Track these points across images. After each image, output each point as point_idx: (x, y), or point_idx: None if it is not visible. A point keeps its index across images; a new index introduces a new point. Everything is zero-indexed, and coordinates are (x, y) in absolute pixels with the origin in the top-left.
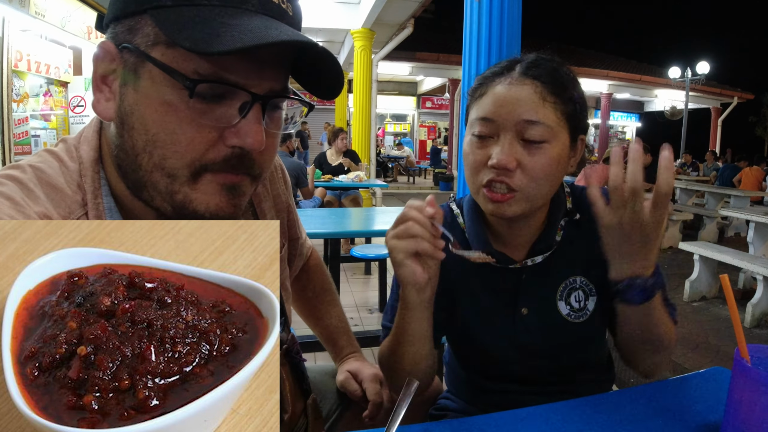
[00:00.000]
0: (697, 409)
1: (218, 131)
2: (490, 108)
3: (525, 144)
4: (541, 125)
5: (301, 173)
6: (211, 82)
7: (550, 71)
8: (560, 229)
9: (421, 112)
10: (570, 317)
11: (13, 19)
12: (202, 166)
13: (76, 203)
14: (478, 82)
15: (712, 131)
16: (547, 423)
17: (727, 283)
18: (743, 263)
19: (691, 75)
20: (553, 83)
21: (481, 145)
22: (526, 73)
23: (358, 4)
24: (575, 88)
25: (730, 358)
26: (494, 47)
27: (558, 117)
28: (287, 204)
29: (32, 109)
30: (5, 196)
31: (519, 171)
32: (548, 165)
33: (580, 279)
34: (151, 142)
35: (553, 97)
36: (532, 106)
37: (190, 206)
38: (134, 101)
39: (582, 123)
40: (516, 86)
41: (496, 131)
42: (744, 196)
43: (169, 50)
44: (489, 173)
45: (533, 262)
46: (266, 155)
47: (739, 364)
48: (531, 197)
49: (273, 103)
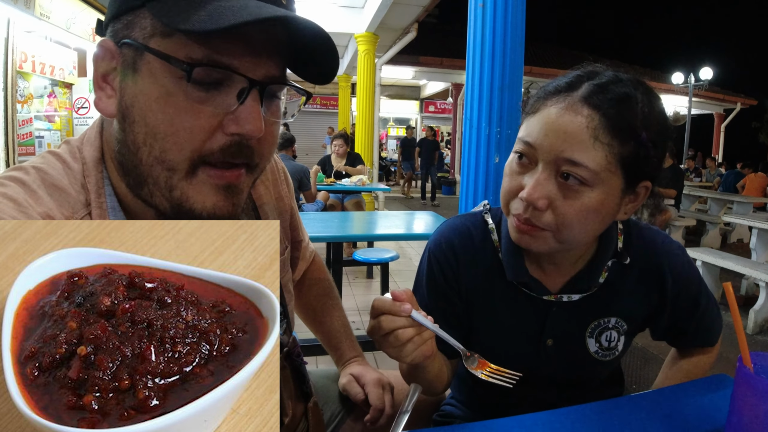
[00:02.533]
0: (700, 416)
1: (217, 119)
2: (535, 132)
3: (562, 183)
4: (582, 168)
5: (304, 176)
6: (205, 66)
7: (619, 101)
8: (605, 270)
9: (424, 116)
10: (597, 355)
11: (18, 20)
12: (200, 157)
13: (79, 203)
14: (537, 93)
15: (715, 137)
16: (551, 428)
17: (731, 290)
18: (746, 269)
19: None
20: (615, 119)
21: (520, 170)
22: (587, 98)
23: (362, 9)
24: (649, 127)
25: (732, 364)
26: (498, 51)
27: (609, 161)
28: (290, 206)
29: (36, 110)
30: (8, 198)
31: (550, 211)
32: (583, 212)
33: (616, 320)
34: (151, 135)
35: (608, 136)
36: (578, 144)
37: (186, 204)
38: (134, 94)
39: (647, 168)
40: (568, 114)
41: (535, 159)
42: (747, 202)
43: (165, 40)
44: (518, 206)
45: (569, 299)
46: (265, 144)
47: (742, 372)
48: (561, 240)
49: (271, 91)
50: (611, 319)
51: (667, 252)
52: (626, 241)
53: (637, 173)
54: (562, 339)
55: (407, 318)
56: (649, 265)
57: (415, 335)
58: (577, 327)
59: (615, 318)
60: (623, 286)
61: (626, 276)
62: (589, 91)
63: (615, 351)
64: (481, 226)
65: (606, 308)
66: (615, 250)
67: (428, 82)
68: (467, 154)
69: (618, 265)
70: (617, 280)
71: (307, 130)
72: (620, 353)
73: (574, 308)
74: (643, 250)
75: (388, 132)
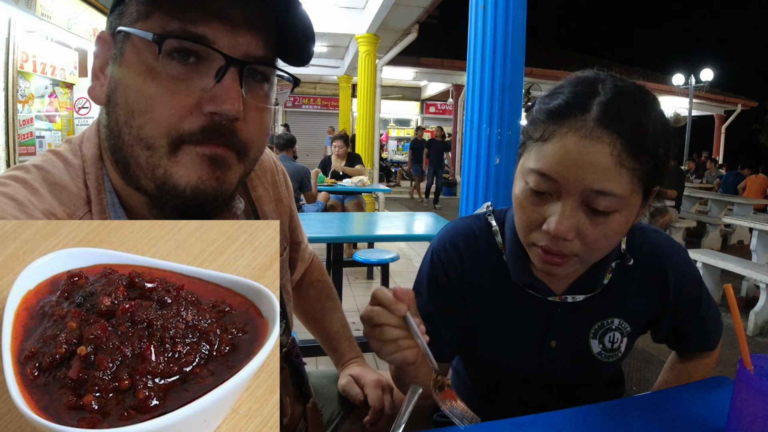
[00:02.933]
0: (700, 418)
1: (195, 98)
2: (554, 165)
3: (589, 212)
4: (612, 197)
5: (304, 177)
6: (177, 37)
7: (636, 123)
8: (609, 271)
9: (424, 117)
10: (601, 356)
11: (20, 20)
12: (179, 136)
13: (80, 200)
14: (542, 116)
15: (716, 139)
16: (551, 430)
17: (731, 293)
18: (746, 271)
19: (695, 82)
20: (637, 142)
21: (538, 201)
22: (604, 122)
23: (363, 9)
24: (661, 142)
25: (733, 366)
26: (499, 53)
27: (633, 183)
28: (289, 208)
29: (37, 110)
30: (9, 197)
31: (577, 239)
32: (613, 235)
33: (619, 321)
34: (129, 113)
35: (633, 161)
36: (604, 174)
37: (170, 181)
38: (118, 77)
39: (660, 175)
40: (590, 143)
41: (557, 191)
42: (747, 204)
43: (146, 21)
44: (543, 237)
45: (573, 299)
46: (252, 128)
47: (743, 374)
48: (588, 261)
49: (253, 71)
50: (614, 320)
51: (670, 254)
52: (629, 243)
53: (653, 182)
54: (566, 340)
55: (399, 318)
56: (653, 267)
57: (401, 337)
58: (580, 328)
59: (618, 319)
60: (627, 287)
61: (630, 277)
62: (602, 112)
63: (618, 352)
64: (485, 228)
65: (609, 309)
66: (618, 252)
67: (429, 83)
68: (468, 155)
69: (621, 266)
70: (621, 281)
71: (307, 130)
72: (623, 355)
73: (577, 309)
74: (646, 251)
75: (389, 133)
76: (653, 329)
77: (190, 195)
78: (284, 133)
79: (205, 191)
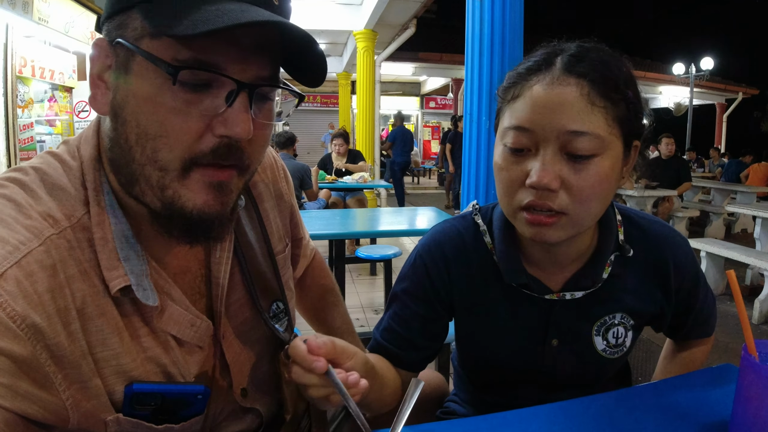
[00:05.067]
0: (706, 406)
1: (206, 121)
2: (526, 115)
3: (570, 159)
4: (589, 136)
5: (305, 175)
6: (191, 68)
7: (600, 65)
8: (608, 264)
9: (424, 112)
10: (606, 353)
11: (17, 25)
12: (192, 159)
13: (79, 201)
14: (511, 80)
15: (717, 127)
16: (554, 422)
17: (734, 278)
18: (750, 259)
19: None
20: (603, 82)
21: (517, 160)
22: (569, 69)
23: (360, 5)
24: (629, 85)
25: (738, 355)
26: (497, 46)
27: (609, 124)
28: (290, 204)
29: (37, 114)
30: (7, 198)
31: (563, 191)
32: (598, 183)
33: (621, 315)
34: (143, 135)
35: (603, 100)
36: (578, 114)
37: (178, 203)
38: (125, 94)
39: (637, 126)
40: (558, 87)
41: (534, 143)
42: (750, 192)
43: (153, 41)
44: (528, 194)
45: (572, 296)
46: (256, 146)
47: (747, 361)
48: (578, 221)
49: (261, 93)
50: (616, 314)
51: (671, 244)
52: (627, 233)
53: (631, 132)
54: (568, 339)
55: (321, 376)
56: (654, 259)
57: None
58: (583, 326)
59: (621, 313)
60: (628, 280)
61: (630, 269)
62: (567, 61)
63: (623, 347)
64: (473, 229)
65: (611, 304)
66: (616, 243)
67: (428, 78)
68: (467, 147)
69: (621, 258)
70: (621, 273)
71: (308, 128)
72: (628, 349)
73: (578, 306)
74: (646, 243)
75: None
76: (655, 321)
77: (196, 217)
78: (285, 131)
79: (210, 215)
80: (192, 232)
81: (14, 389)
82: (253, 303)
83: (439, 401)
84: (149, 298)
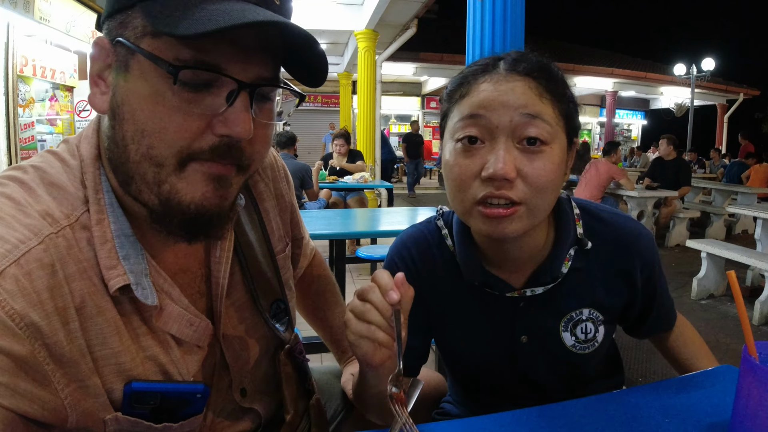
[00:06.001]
0: (706, 407)
1: (206, 120)
2: (479, 104)
3: (524, 149)
4: (541, 121)
5: (305, 175)
6: (192, 68)
7: (541, 66)
8: (568, 258)
9: (425, 112)
10: (575, 348)
11: (18, 25)
12: (189, 154)
13: (78, 200)
14: (456, 82)
15: (718, 128)
16: (551, 423)
17: (734, 278)
18: (751, 260)
19: (697, 72)
20: (546, 79)
21: (469, 154)
22: (514, 69)
23: (361, 6)
24: (567, 87)
25: (738, 356)
26: (498, 46)
27: (557, 115)
28: (290, 203)
29: (38, 113)
30: (6, 197)
31: (519, 181)
32: (551, 171)
33: (589, 311)
34: (139, 132)
35: (549, 94)
36: (530, 99)
37: (176, 197)
38: (125, 92)
39: (576, 123)
40: (506, 83)
41: (487, 132)
42: (751, 193)
43: (154, 40)
44: (483, 187)
45: (533, 292)
46: (257, 146)
47: (747, 361)
48: (534, 211)
49: (262, 93)
50: (583, 310)
51: (635, 240)
52: (587, 226)
53: (571, 128)
54: (536, 335)
55: (388, 307)
56: (617, 253)
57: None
58: (549, 321)
59: (588, 309)
60: (590, 273)
61: (592, 263)
62: (510, 64)
63: (594, 342)
64: (436, 232)
65: (576, 299)
66: (575, 237)
67: (429, 78)
68: None
69: (581, 252)
70: (583, 267)
71: (308, 128)
72: (601, 344)
73: (542, 302)
74: (607, 236)
75: (390, 129)
76: (622, 317)
77: (194, 211)
78: (285, 131)
79: (209, 208)
80: (190, 227)
81: (13, 388)
82: (253, 303)
83: (437, 401)
84: (148, 297)
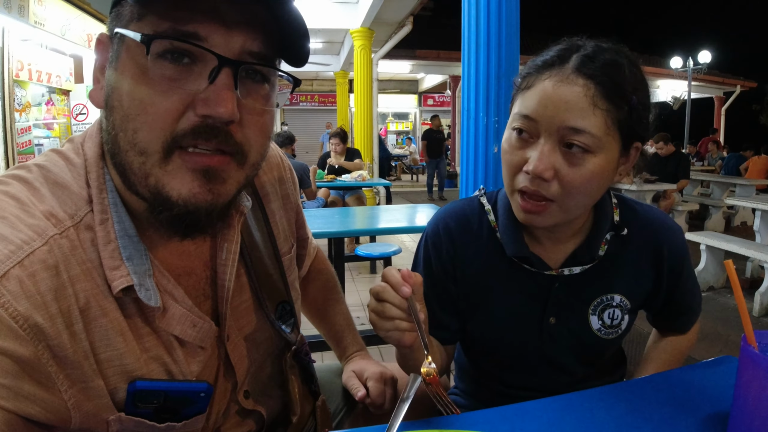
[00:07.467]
0: (706, 398)
1: (188, 99)
2: (533, 106)
3: (566, 152)
4: (586, 135)
5: (304, 174)
6: (165, 37)
7: (609, 68)
8: (604, 243)
9: (422, 109)
10: (600, 332)
11: (13, 29)
12: (173, 139)
13: (82, 200)
14: (527, 70)
15: (716, 120)
16: (552, 415)
17: (732, 268)
18: (750, 252)
19: (693, 65)
20: (610, 85)
21: (520, 145)
22: (580, 69)
23: (357, 4)
24: (637, 91)
25: (738, 347)
26: (493, 42)
27: (608, 126)
28: (296, 204)
29: (35, 118)
30: (10, 196)
31: (556, 181)
32: (588, 178)
33: (620, 298)
34: (125, 117)
35: (606, 102)
36: (579, 112)
37: (162, 191)
38: (114, 80)
39: (639, 130)
40: (565, 85)
41: (536, 132)
42: (750, 185)
43: (139, 23)
44: (524, 179)
45: (570, 272)
46: (251, 133)
47: (747, 351)
48: (566, 209)
49: (248, 70)
50: (615, 296)
51: (666, 229)
52: (624, 215)
53: (631, 135)
54: (565, 316)
55: (402, 299)
56: (649, 241)
57: (400, 318)
58: (579, 304)
59: (619, 296)
60: (624, 260)
61: (626, 249)
62: (579, 61)
63: (618, 329)
64: (478, 209)
65: (609, 284)
66: (612, 223)
67: (426, 75)
68: (465, 144)
69: (616, 237)
70: (618, 252)
71: (306, 128)
72: (623, 331)
73: (576, 283)
74: (641, 225)
75: (388, 127)
76: (648, 306)
77: (182, 207)
78: (283, 130)
79: (198, 205)
80: (179, 224)
81: (16, 390)
82: (259, 304)
83: None
84: (151, 298)
